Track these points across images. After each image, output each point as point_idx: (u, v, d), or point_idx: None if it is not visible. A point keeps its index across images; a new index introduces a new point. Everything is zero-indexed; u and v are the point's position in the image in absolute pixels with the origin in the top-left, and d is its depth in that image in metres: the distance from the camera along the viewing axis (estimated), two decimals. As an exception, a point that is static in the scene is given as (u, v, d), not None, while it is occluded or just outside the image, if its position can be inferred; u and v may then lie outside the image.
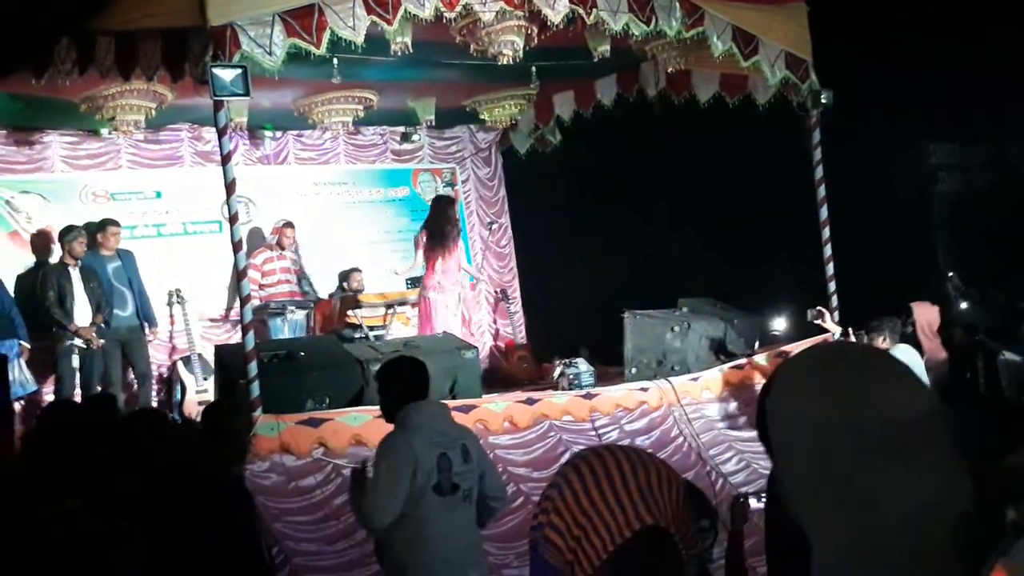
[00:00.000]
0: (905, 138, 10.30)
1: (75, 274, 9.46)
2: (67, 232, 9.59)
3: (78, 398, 9.00)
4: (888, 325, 7.70)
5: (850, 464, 1.30)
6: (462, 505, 4.58)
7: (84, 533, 2.73)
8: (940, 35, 9.34)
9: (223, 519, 4.43)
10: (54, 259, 9.88)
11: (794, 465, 1.36)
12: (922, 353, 7.81)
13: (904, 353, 7.23)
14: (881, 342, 7.58)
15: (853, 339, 8.39)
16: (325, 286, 11.57)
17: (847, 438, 1.30)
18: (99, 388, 9.37)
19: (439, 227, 9.75)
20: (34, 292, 9.54)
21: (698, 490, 3.18)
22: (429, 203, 12.36)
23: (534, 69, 9.75)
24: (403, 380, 4.76)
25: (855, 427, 1.30)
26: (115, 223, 10.06)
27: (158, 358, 10.44)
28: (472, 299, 11.18)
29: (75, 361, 9.27)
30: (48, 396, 9.49)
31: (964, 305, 9.28)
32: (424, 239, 9.78)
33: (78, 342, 9.26)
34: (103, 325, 9.48)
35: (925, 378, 6.75)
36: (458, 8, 7.41)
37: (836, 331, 8.67)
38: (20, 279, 9.94)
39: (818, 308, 8.83)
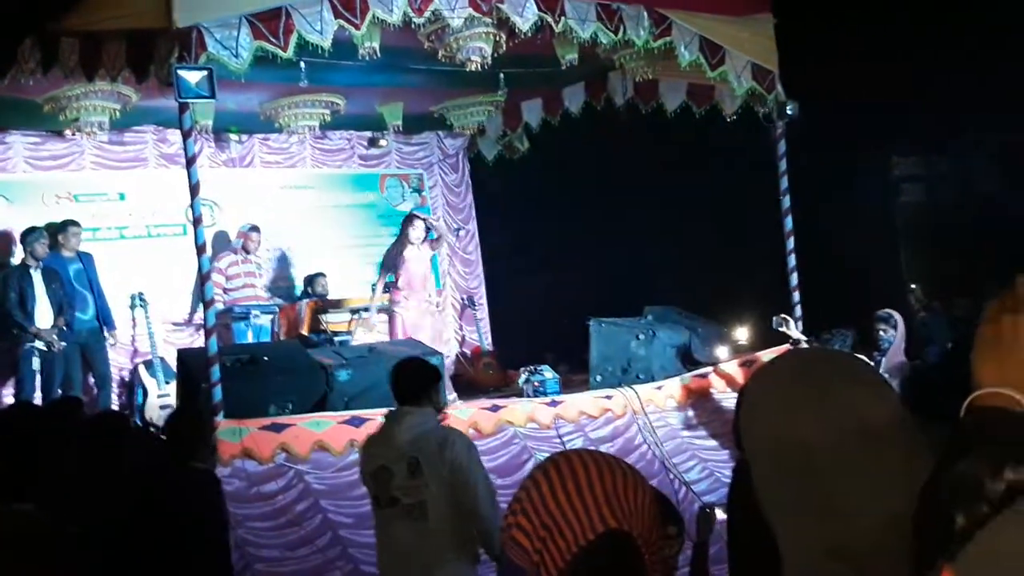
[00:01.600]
0: (869, 149, 10.40)
1: (37, 276, 9.34)
2: (29, 233, 9.48)
3: (39, 401, 8.90)
4: (839, 338, 7.75)
5: (819, 471, 1.33)
6: (404, 520, 4.47)
7: (30, 536, 2.70)
8: (904, 49, 9.44)
9: (187, 521, 4.41)
10: (15, 261, 9.76)
11: (767, 472, 1.40)
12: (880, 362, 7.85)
13: None
14: None
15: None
16: (290, 291, 11.53)
17: (817, 446, 1.34)
18: (59, 391, 9.27)
19: (394, 244, 10.17)
20: (-6, 293, 9.43)
21: (666, 497, 3.20)
22: (396, 208, 12.45)
23: (502, 76, 9.77)
24: (391, 383, 4.80)
25: (824, 435, 1.34)
26: (76, 224, 9.95)
27: (119, 361, 10.33)
28: (439, 318, 11.07)
29: (36, 364, 9.15)
30: (8, 399, 9.39)
31: (923, 315, 9.37)
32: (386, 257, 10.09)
33: (39, 344, 9.15)
34: (64, 328, 9.37)
35: None
36: (427, 13, 7.40)
37: (800, 339, 8.72)
38: (-20, 281, 9.82)
39: (783, 316, 8.89)
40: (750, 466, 1.45)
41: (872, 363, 7.25)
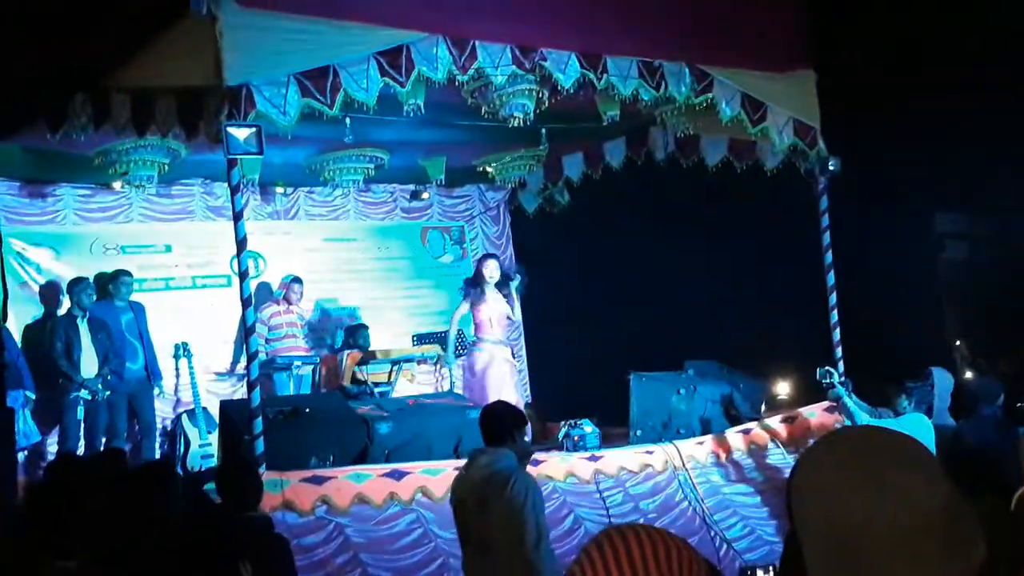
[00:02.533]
0: (912, 206, 10.35)
1: (83, 326, 9.48)
2: (76, 284, 9.64)
3: (82, 450, 9.00)
4: (920, 392, 7.60)
5: (871, 556, 1.35)
6: (476, 556, 4.71)
7: None
8: (949, 103, 9.42)
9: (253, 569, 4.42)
10: (62, 311, 9.91)
11: (818, 552, 1.42)
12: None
13: (918, 423, 7.17)
14: (906, 404, 7.47)
15: (850, 401, 8.19)
16: (331, 342, 11.60)
17: (868, 531, 1.35)
18: (103, 440, 9.37)
19: (472, 281, 10.03)
20: (41, 343, 9.56)
21: (715, 567, 3.19)
22: (437, 260, 12.55)
23: (544, 131, 9.85)
24: (480, 424, 5.17)
25: (877, 521, 1.35)
26: (128, 274, 10.11)
27: (163, 411, 10.44)
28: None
29: (80, 413, 9.26)
30: (52, 447, 9.49)
31: (970, 375, 9.24)
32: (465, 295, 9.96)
33: (84, 394, 9.26)
34: (109, 377, 9.47)
35: (934, 448, 6.70)
36: (471, 71, 7.50)
37: (843, 393, 8.50)
38: (27, 329, 9.96)
39: (827, 368, 8.73)
40: (802, 542, 1.46)
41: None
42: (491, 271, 9.88)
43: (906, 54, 9.77)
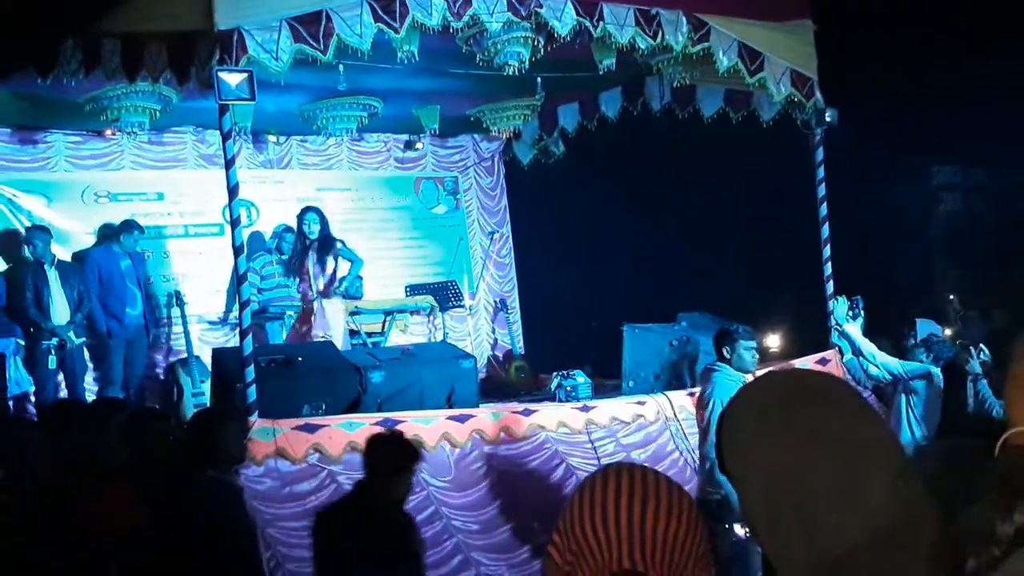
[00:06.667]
0: (908, 159, 10.32)
1: (51, 273, 9.33)
2: (33, 231, 9.55)
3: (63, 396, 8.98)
4: (942, 347, 7.43)
5: (806, 493, 1.33)
6: None
7: None
8: (946, 59, 9.36)
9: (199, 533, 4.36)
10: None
11: (754, 494, 1.41)
12: None
13: (930, 379, 7.10)
14: (923, 357, 7.35)
15: (856, 328, 7.88)
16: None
17: (803, 469, 1.34)
18: (85, 386, 9.36)
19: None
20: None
21: (704, 526, 3.19)
22: (431, 211, 12.49)
23: (539, 80, 9.76)
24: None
25: (811, 458, 1.34)
26: (140, 228, 10.06)
27: (156, 360, 10.43)
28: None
29: (52, 362, 9.18)
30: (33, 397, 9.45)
31: (962, 327, 9.24)
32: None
33: (54, 341, 9.18)
34: (85, 324, 9.40)
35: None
36: (465, 17, 7.41)
37: (859, 340, 8.23)
38: (8, 275, 9.90)
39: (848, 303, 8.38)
40: (737, 489, 1.45)
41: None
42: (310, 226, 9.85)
43: (904, 7, 9.68)
